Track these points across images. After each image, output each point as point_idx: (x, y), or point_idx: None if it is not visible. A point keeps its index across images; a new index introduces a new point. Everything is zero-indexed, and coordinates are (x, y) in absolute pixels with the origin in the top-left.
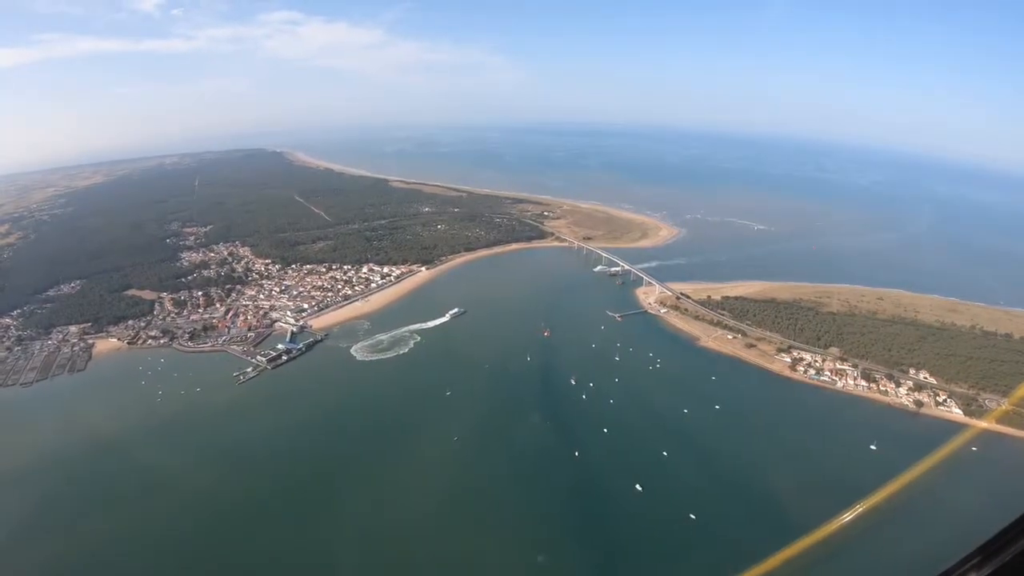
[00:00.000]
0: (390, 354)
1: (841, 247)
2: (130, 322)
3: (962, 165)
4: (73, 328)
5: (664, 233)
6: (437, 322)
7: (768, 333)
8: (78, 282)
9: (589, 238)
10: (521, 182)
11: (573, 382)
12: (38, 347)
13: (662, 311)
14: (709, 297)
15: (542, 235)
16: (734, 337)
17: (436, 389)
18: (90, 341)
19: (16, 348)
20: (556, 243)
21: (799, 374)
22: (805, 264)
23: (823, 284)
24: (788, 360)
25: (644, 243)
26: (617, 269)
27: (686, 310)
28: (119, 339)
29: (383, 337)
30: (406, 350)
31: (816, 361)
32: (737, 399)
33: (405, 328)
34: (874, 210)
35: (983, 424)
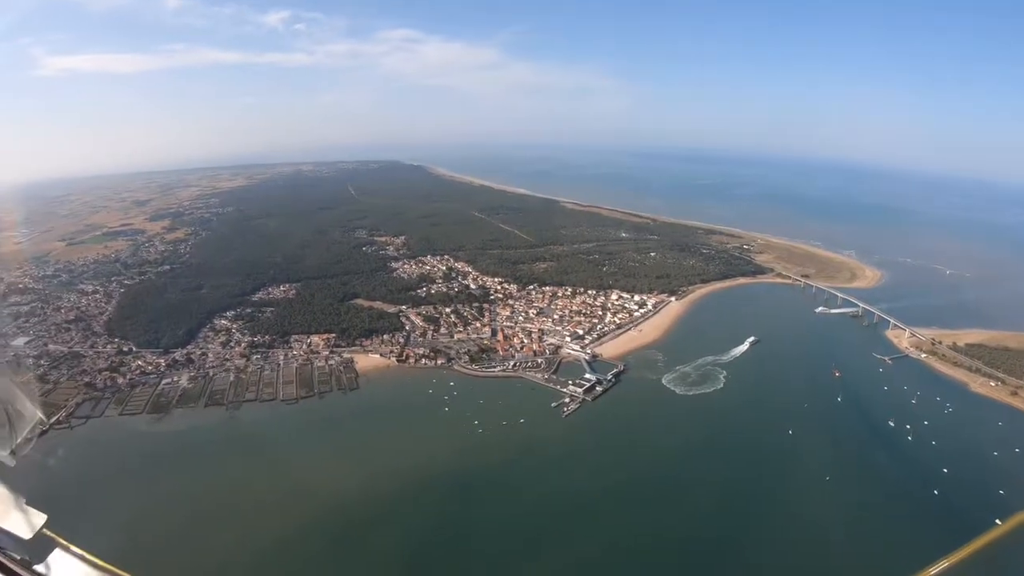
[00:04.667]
0: (707, 388)
1: None
2: (385, 336)
3: None
4: (315, 338)
5: (869, 274)
6: (734, 354)
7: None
8: (289, 286)
9: (806, 275)
10: (692, 210)
11: (892, 424)
12: (282, 357)
13: (922, 355)
14: (955, 343)
15: (760, 270)
16: (996, 384)
17: (776, 426)
18: (346, 355)
19: (255, 356)
20: (778, 279)
21: None
22: (1006, 311)
23: None
24: None
25: (858, 284)
26: (854, 310)
27: (943, 356)
28: (382, 355)
29: (686, 369)
30: (721, 384)
31: None
32: None
33: (702, 359)
34: None
35: None
